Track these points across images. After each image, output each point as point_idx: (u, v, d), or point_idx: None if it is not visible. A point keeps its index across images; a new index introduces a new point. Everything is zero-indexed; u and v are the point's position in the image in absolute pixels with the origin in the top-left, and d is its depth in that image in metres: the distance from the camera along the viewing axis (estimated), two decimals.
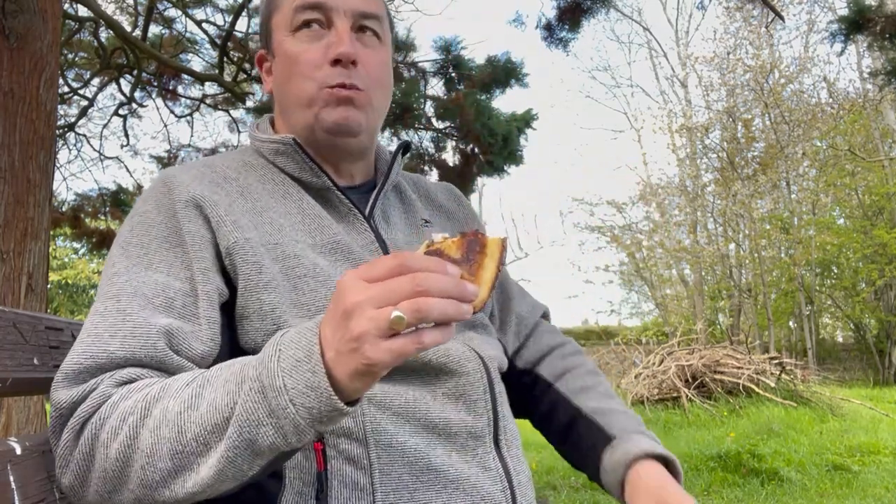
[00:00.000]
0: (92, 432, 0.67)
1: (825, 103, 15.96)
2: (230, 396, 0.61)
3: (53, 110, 3.49)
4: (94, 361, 0.71)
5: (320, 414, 0.58)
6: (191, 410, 0.63)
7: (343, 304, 0.56)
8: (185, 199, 0.81)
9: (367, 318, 0.54)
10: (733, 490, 4.38)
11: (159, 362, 0.72)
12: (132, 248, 0.80)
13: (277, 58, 0.94)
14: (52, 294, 18.98)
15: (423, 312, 0.53)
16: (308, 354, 0.58)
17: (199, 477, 0.63)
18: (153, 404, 0.65)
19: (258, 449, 0.61)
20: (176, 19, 7.99)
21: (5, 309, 0.83)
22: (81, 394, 0.69)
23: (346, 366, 0.56)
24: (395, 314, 0.53)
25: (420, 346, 0.54)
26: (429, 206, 1.08)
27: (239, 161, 0.93)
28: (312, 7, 0.90)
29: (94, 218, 8.78)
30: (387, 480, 0.75)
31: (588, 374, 1.04)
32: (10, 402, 3.26)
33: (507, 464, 0.85)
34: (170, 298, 0.76)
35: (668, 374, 8.20)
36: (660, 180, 20.47)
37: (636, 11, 24.81)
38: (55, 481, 0.82)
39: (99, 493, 0.67)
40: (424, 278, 0.54)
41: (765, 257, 16.37)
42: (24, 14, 3.29)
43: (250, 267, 0.79)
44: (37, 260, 3.29)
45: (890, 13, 4.74)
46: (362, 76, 0.90)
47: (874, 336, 15.33)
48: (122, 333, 0.72)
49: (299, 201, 0.89)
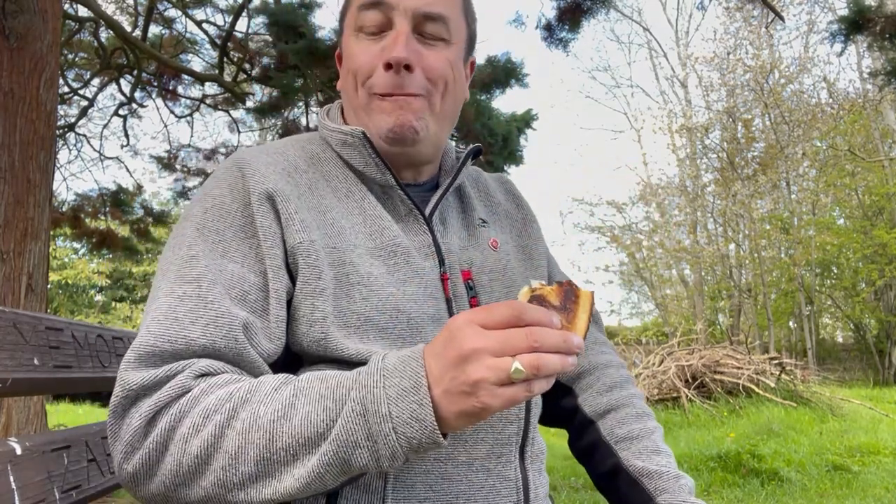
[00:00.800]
0: (169, 423, 0.65)
1: (825, 103, 15.97)
2: (327, 413, 0.62)
3: (53, 110, 3.49)
4: (171, 346, 0.69)
5: (419, 444, 0.60)
6: (283, 420, 0.63)
7: (460, 349, 0.58)
8: (259, 190, 0.80)
9: (485, 367, 0.57)
10: (733, 490, 4.39)
11: (237, 355, 0.71)
12: (208, 233, 0.78)
13: (344, 57, 0.93)
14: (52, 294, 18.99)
15: (540, 369, 0.57)
16: (415, 386, 0.60)
17: (280, 485, 0.63)
18: (241, 406, 0.65)
19: (348, 468, 0.62)
20: (176, 19, 8.00)
21: (5, 309, 0.83)
22: (154, 379, 0.67)
23: (455, 406, 0.59)
24: (516, 366, 0.56)
25: (529, 396, 0.58)
26: (487, 205, 1.04)
27: (309, 152, 0.91)
28: (373, 5, 0.86)
29: (94, 218, 8.78)
30: (400, 487, 0.75)
31: (636, 418, 0.97)
32: (10, 402, 3.26)
33: (528, 476, 0.84)
34: (244, 291, 0.75)
35: (668, 374, 8.20)
36: (660, 180, 20.50)
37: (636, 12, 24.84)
38: (55, 481, 0.82)
39: (166, 485, 0.66)
40: (541, 334, 0.58)
41: (765, 257, 16.38)
42: (24, 14, 3.29)
43: (310, 270, 0.78)
44: (37, 260, 3.29)
45: (890, 13, 4.74)
46: (419, 81, 0.85)
47: (874, 336, 15.33)
48: (203, 321, 0.70)
49: (361, 201, 0.88)
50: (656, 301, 20.84)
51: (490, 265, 0.93)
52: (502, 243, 0.99)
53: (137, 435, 0.66)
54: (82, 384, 0.98)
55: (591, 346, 1.06)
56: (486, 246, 0.96)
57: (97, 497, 0.94)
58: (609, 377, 1.02)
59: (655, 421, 0.98)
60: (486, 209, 1.03)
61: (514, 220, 1.06)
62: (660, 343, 11.37)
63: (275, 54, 6.51)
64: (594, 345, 1.06)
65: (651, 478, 0.90)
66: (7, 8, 3.23)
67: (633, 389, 1.02)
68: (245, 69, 7.17)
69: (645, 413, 0.98)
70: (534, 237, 1.06)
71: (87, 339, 1.01)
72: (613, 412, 0.98)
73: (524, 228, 1.06)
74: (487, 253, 0.94)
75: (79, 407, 12.59)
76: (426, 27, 0.87)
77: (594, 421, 0.98)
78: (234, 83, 7.07)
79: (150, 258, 18.41)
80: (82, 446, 0.92)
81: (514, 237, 1.04)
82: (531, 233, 1.06)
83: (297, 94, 6.41)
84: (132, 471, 0.66)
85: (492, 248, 0.96)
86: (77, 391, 1.03)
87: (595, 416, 0.98)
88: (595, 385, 1.01)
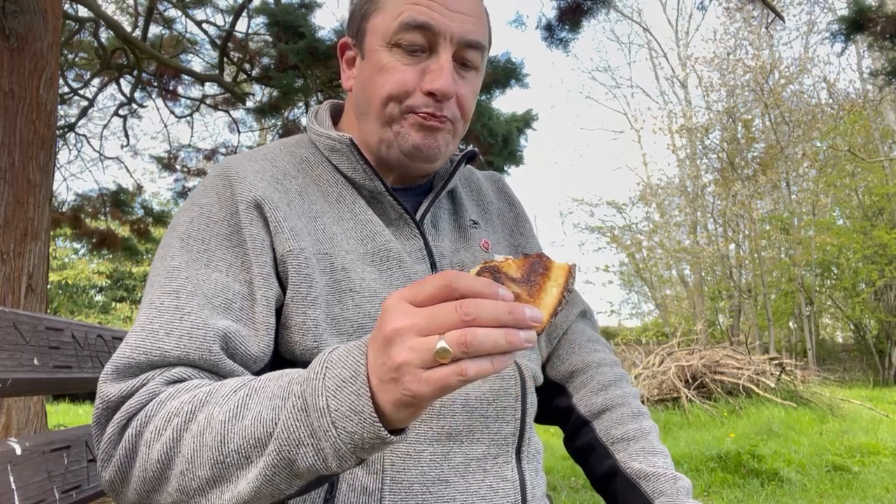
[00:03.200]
0: (136, 429, 0.66)
1: (825, 104, 15.98)
2: (275, 412, 0.59)
3: (53, 110, 3.49)
4: (146, 357, 0.70)
5: (363, 440, 0.55)
6: (235, 420, 0.61)
7: (385, 330, 0.52)
8: (247, 199, 0.80)
9: (408, 348, 0.50)
10: (733, 490, 4.38)
11: (213, 365, 0.71)
12: (193, 242, 0.78)
13: (366, 61, 0.89)
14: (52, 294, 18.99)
15: (470, 346, 0.49)
16: (354, 375, 0.55)
17: (236, 490, 0.61)
18: (199, 408, 0.64)
19: (297, 470, 0.58)
20: (176, 20, 8.00)
21: (5, 309, 0.83)
22: (130, 389, 0.68)
23: (388, 394, 0.53)
24: (440, 346, 0.49)
25: (464, 379, 0.50)
26: (479, 204, 1.04)
27: (298, 156, 0.91)
28: (419, 27, 0.84)
29: (94, 218, 8.78)
30: (397, 488, 0.75)
31: (632, 417, 0.96)
32: (10, 402, 3.26)
33: (525, 476, 0.84)
34: (229, 300, 0.75)
35: (668, 374, 8.19)
36: (660, 181, 20.50)
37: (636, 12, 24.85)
38: (55, 481, 0.82)
39: (138, 492, 0.66)
40: (474, 305, 0.50)
41: (765, 258, 16.37)
42: (24, 14, 3.29)
43: (301, 279, 0.78)
44: (37, 260, 3.29)
45: (890, 13, 4.74)
46: (452, 109, 0.87)
47: (874, 336, 15.33)
48: (178, 332, 0.71)
49: (352, 205, 0.88)
50: (656, 301, 20.84)
51: None
52: (494, 243, 0.99)
53: (112, 443, 0.67)
54: (82, 384, 0.98)
55: (584, 343, 1.05)
56: (477, 247, 0.96)
57: (97, 497, 0.94)
58: (603, 376, 1.01)
59: (651, 420, 0.97)
60: (477, 209, 1.03)
61: (506, 218, 1.07)
62: (660, 343, 11.37)
63: (275, 54, 6.51)
64: (587, 342, 1.05)
65: (648, 480, 0.89)
66: (7, 8, 3.23)
67: (628, 388, 1.01)
68: (245, 69, 7.17)
69: (640, 412, 0.97)
70: (526, 236, 1.06)
71: (86, 339, 1.01)
72: (608, 412, 0.97)
73: (516, 227, 1.07)
74: (478, 254, 0.95)
75: (79, 407, 12.59)
76: (466, 54, 0.87)
77: (589, 421, 0.97)
78: (234, 83, 7.07)
79: (149, 258, 18.38)
80: (82, 446, 0.92)
81: (506, 236, 1.04)
82: (524, 231, 1.06)
83: (297, 95, 6.41)
84: (109, 479, 0.67)
85: (483, 250, 0.96)
86: (77, 391, 1.03)
87: (590, 416, 0.98)
88: (589, 384, 1.00)
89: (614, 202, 20.68)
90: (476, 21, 0.87)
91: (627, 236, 20.51)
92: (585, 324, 1.09)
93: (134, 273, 20.16)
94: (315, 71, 5.96)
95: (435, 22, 0.83)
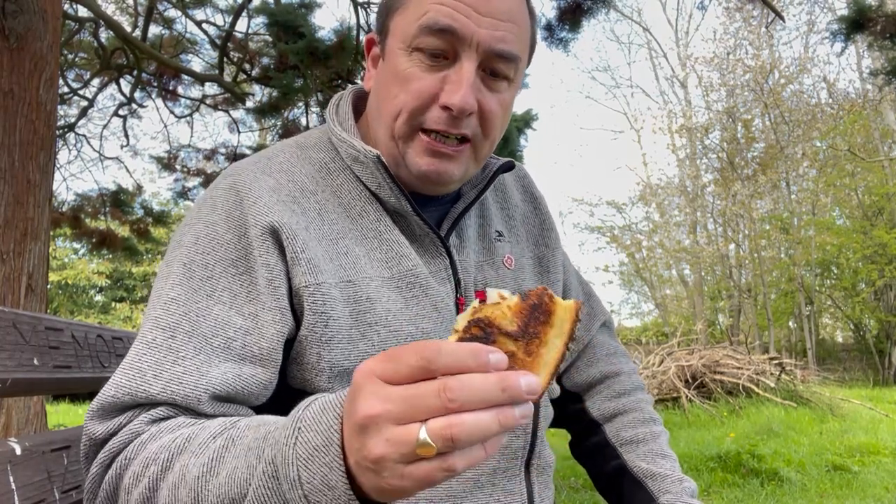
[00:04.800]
0: (117, 471, 0.65)
1: (825, 104, 15.98)
2: (249, 471, 0.55)
3: (53, 110, 3.49)
4: (131, 399, 0.68)
5: None
6: (209, 476, 0.58)
7: (357, 416, 0.45)
8: (262, 224, 0.73)
9: (385, 440, 0.44)
10: (733, 490, 4.38)
11: (200, 412, 0.69)
12: (195, 268, 0.73)
13: (385, 64, 0.82)
14: (52, 294, 18.98)
15: (458, 438, 0.42)
16: (326, 444, 0.49)
17: None
18: (176, 456, 0.61)
19: None
20: (176, 20, 8.00)
21: (5, 309, 0.83)
22: (115, 427, 0.68)
23: (369, 481, 0.47)
24: (422, 437, 0.42)
25: (450, 474, 0.44)
26: (504, 211, 0.98)
27: (317, 163, 0.84)
28: (442, 31, 0.74)
29: (94, 218, 8.78)
30: None
31: (642, 422, 0.96)
32: (10, 402, 3.25)
33: (533, 490, 0.83)
34: (229, 338, 0.70)
35: (668, 374, 8.19)
36: (660, 181, 20.51)
37: (636, 12, 24.81)
38: (55, 481, 0.82)
39: None
40: (459, 387, 0.42)
41: (764, 258, 16.37)
42: (24, 14, 3.29)
43: (317, 317, 0.73)
44: (37, 260, 3.29)
45: (890, 13, 4.74)
46: (473, 124, 0.78)
47: (874, 336, 15.33)
48: (167, 376, 0.68)
49: (377, 223, 0.81)
50: (656, 301, 20.84)
51: (504, 285, 0.89)
52: (517, 258, 0.94)
53: (96, 481, 0.66)
54: (82, 384, 0.98)
55: (603, 357, 1.04)
56: (501, 264, 0.91)
57: None
58: (620, 384, 1.01)
59: (662, 426, 0.98)
60: (503, 217, 0.97)
61: (532, 226, 1.00)
62: (660, 343, 11.36)
63: (275, 54, 6.51)
64: (606, 356, 1.04)
65: (655, 479, 0.90)
66: (7, 8, 3.23)
67: (643, 395, 1.01)
68: (245, 69, 7.17)
69: (652, 418, 0.98)
70: (551, 246, 1.00)
71: (86, 339, 1.01)
72: (621, 416, 0.97)
73: (541, 237, 1.00)
74: (502, 272, 0.90)
75: (79, 407, 12.58)
76: (495, 65, 0.78)
77: (600, 424, 0.98)
78: (234, 83, 7.06)
79: (149, 258, 18.39)
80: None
81: (531, 247, 0.98)
82: (548, 242, 1.00)
83: (297, 95, 6.40)
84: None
85: (506, 267, 0.91)
86: (77, 391, 1.02)
87: (602, 419, 0.98)
88: (604, 392, 1.01)
89: (614, 202, 20.71)
90: (510, 28, 0.77)
91: (627, 236, 20.52)
92: (606, 335, 1.08)
93: (134, 273, 20.16)
94: (315, 71, 5.96)
95: (459, 26, 0.74)
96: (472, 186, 0.90)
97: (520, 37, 0.79)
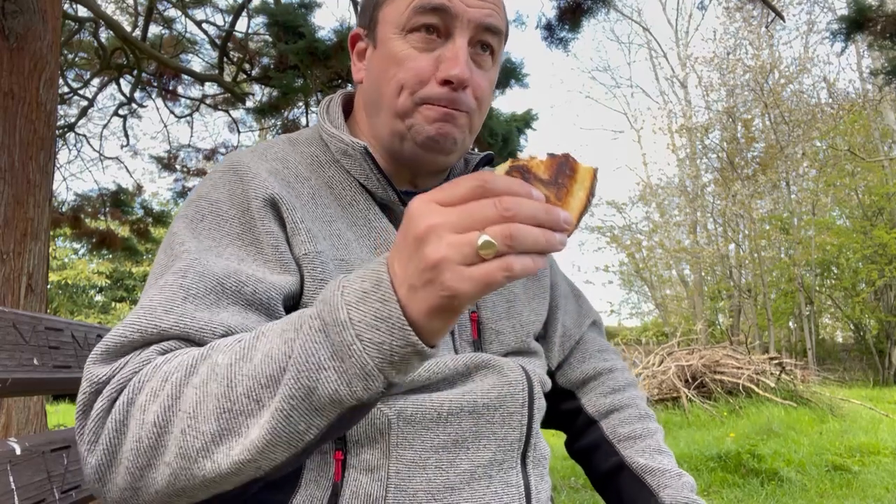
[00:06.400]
0: (129, 396, 0.59)
1: (825, 103, 15.97)
2: (287, 345, 0.54)
3: (53, 110, 3.49)
4: (141, 336, 0.63)
5: (392, 351, 0.50)
6: (242, 362, 0.55)
7: (415, 230, 0.48)
8: (262, 196, 0.76)
9: (446, 244, 0.47)
10: (733, 490, 4.38)
11: None
12: (203, 237, 0.74)
13: (378, 51, 0.86)
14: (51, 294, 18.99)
15: (515, 239, 0.46)
16: (376, 284, 0.51)
17: (247, 441, 0.54)
18: (201, 361, 0.58)
19: (318, 401, 0.52)
20: (176, 19, 8.00)
21: (5, 309, 0.83)
22: (122, 364, 0.62)
23: (422, 301, 0.49)
24: (484, 238, 0.46)
25: (509, 275, 0.47)
26: None
27: (309, 155, 0.87)
28: (434, 10, 0.80)
29: (94, 218, 8.78)
30: (401, 496, 0.73)
31: (638, 419, 0.97)
32: (10, 402, 3.25)
33: (530, 482, 0.83)
34: (240, 282, 0.70)
35: (668, 374, 8.19)
36: (660, 181, 20.55)
37: (636, 12, 24.85)
38: (55, 481, 0.82)
39: (130, 471, 0.58)
40: (512, 202, 0.47)
41: (765, 258, 16.38)
42: (24, 14, 3.29)
43: (315, 284, 0.75)
44: (37, 260, 3.29)
45: (890, 12, 4.74)
46: (468, 100, 0.83)
47: (874, 336, 15.33)
48: (179, 311, 0.65)
49: (366, 211, 0.85)
50: (656, 301, 20.84)
51: None
52: None
53: (100, 420, 0.59)
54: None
55: (595, 353, 1.05)
56: None
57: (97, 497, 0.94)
58: (614, 380, 1.02)
59: (657, 423, 0.99)
60: None
61: None
62: (660, 343, 11.36)
63: (275, 54, 6.51)
64: (598, 352, 1.06)
65: (654, 474, 0.90)
66: (7, 8, 3.23)
67: (636, 391, 1.02)
68: (245, 69, 7.17)
69: (647, 414, 0.99)
70: None
71: (86, 339, 1.01)
72: (616, 412, 0.98)
73: None
74: None
75: None
76: (484, 37, 0.83)
77: (597, 420, 0.98)
78: (233, 83, 7.07)
79: (149, 258, 18.38)
80: None
81: None
82: None
83: (297, 94, 6.41)
84: (96, 463, 0.59)
85: None
86: (77, 391, 1.02)
87: (598, 415, 0.99)
88: (598, 388, 1.02)
89: (614, 202, 20.71)
90: (494, 7, 0.84)
91: (627, 236, 20.52)
92: (597, 333, 1.10)
93: (134, 273, 20.17)
94: (315, 71, 5.96)
95: (451, 4, 0.80)
96: None
97: (501, 15, 0.86)
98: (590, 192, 0.54)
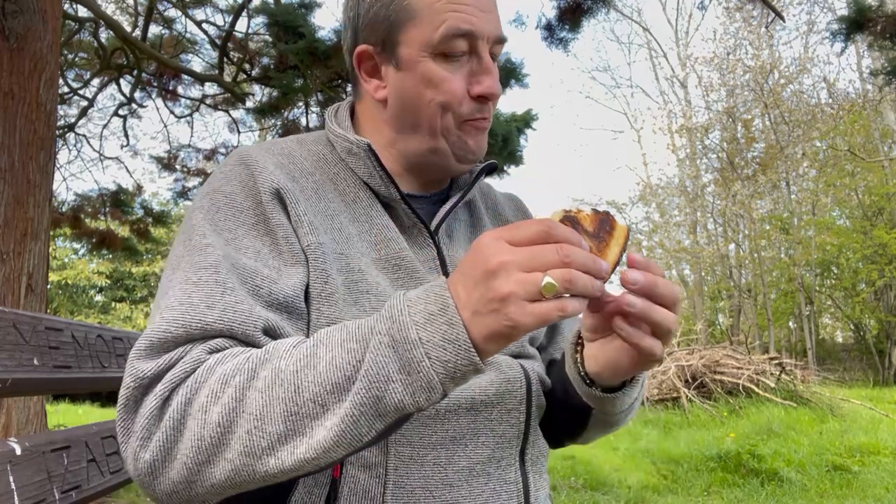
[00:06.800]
0: (185, 397, 0.62)
1: (825, 104, 15.98)
2: (352, 355, 0.59)
3: (53, 111, 3.49)
4: (185, 331, 0.66)
5: (456, 369, 0.57)
6: (307, 370, 0.60)
7: (487, 263, 0.56)
8: (269, 188, 0.79)
9: (514, 281, 0.54)
10: (733, 490, 4.38)
11: (255, 343, 0.69)
12: (222, 228, 0.76)
13: (407, 73, 0.87)
14: (51, 294, 19.00)
15: (573, 283, 0.55)
16: (443, 308, 0.57)
17: (313, 441, 0.59)
18: (260, 366, 0.62)
19: (383, 408, 0.58)
20: (176, 20, 8.00)
21: (5, 309, 0.83)
22: (168, 362, 0.64)
23: (484, 326, 0.56)
24: (547, 280, 0.54)
25: (563, 314, 0.55)
26: (495, 222, 1.03)
27: (315, 153, 0.90)
28: (464, 35, 0.84)
29: (94, 218, 8.78)
30: (399, 493, 0.74)
31: None
32: (10, 402, 3.26)
33: (528, 479, 0.84)
34: (257, 286, 0.72)
35: (668, 374, 8.20)
36: (660, 181, 20.54)
37: (636, 12, 24.85)
38: (55, 481, 0.82)
39: (188, 466, 0.61)
40: (570, 251, 0.55)
41: (765, 258, 16.38)
42: (24, 14, 3.29)
43: (318, 274, 0.77)
44: (37, 260, 3.29)
45: (890, 13, 4.74)
46: (493, 109, 0.90)
47: (874, 336, 15.34)
48: (221, 305, 0.67)
49: (369, 209, 0.87)
50: None
51: None
52: None
53: (153, 419, 0.62)
54: (82, 384, 0.98)
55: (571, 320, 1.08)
56: None
57: (97, 497, 0.94)
58: None
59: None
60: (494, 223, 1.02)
61: None
62: None
63: (275, 54, 6.51)
64: None
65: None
66: (7, 8, 3.23)
67: None
68: (245, 69, 7.17)
69: None
70: None
71: (86, 339, 1.01)
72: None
73: None
74: None
75: (79, 407, 12.59)
76: (495, 50, 0.88)
77: (558, 359, 0.98)
78: (233, 83, 7.07)
79: (150, 258, 18.41)
80: (82, 446, 0.92)
81: None
82: None
83: (297, 95, 6.41)
84: (150, 459, 0.62)
85: None
86: (77, 391, 1.03)
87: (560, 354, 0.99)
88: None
89: (614, 202, 20.71)
90: (497, 16, 0.88)
91: None
92: None
93: (134, 273, 20.17)
94: (315, 71, 5.96)
95: (475, 27, 0.84)
96: (458, 189, 0.96)
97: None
98: (623, 248, 0.62)
